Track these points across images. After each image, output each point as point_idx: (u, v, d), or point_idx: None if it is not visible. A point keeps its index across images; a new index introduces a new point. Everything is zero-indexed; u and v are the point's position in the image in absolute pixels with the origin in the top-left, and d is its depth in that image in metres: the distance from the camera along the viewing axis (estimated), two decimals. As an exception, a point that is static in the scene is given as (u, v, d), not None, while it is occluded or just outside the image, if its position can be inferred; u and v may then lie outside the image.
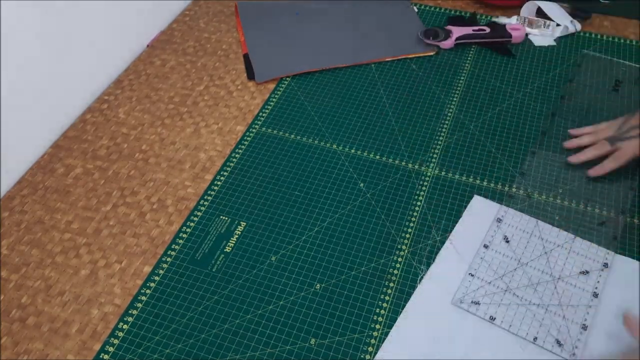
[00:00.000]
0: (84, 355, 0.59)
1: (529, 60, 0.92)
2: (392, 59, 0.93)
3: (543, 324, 0.60)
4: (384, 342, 0.59)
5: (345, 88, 0.89)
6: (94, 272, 0.67)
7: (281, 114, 0.85)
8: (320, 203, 0.72)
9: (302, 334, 0.60)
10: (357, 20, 1.00)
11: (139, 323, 0.62)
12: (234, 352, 0.59)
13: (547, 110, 0.83)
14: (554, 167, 0.75)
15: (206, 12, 1.05)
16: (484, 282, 0.63)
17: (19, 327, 0.62)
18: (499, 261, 0.65)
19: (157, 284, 0.65)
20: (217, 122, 0.84)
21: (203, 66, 0.94)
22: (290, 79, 0.90)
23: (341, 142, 0.80)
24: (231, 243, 0.69)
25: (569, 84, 0.86)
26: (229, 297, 0.64)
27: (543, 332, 0.59)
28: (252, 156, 0.79)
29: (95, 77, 0.90)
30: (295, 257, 0.67)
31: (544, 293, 0.62)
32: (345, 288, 0.64)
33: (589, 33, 0.96)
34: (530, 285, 0.63)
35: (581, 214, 0.70)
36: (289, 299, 0.63)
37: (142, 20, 0.99)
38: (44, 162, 0.79)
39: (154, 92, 0.90)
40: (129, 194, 0.75)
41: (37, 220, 0.72)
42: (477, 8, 1.02)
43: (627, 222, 0.69)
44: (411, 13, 1.01)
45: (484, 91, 0.87)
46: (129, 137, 0.83)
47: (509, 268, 0.64)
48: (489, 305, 0.62)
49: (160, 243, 0.69)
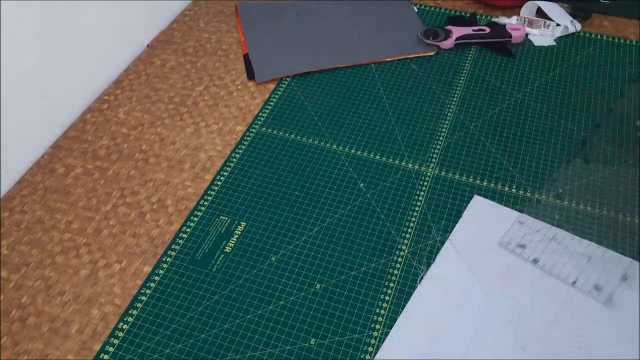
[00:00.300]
0: (84, 355, 0.59)
1: (529, 60, 0.92)
2: (392, 59, 0.93)
3: (584, 270, 0.62)
4: (384, 343, 0.59)
5: (345, 88, 0.89)
6: (94, 272, 0.67)
7: (281, 114, 0.85)
8: (320, 203, 0.72)
9: (302, 334, 0.60)
10: (357, 20, 1.00)
11: (139, 323, 0.62)
12: (234, 352, 0.59)
13: (547, 110, 0.83)
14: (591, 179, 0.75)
15: (206, 12, 1.05)
16: (531, 230, 0.67)
17: (19, 327, 0.62)
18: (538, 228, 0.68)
19: (157, 284, 0.65)
20: (217, 122, 0.84)
21: (203, 66, 0.94)
22: (290, 79, 0.90)
23: (341, 142, 0.80)
24: (231, 243, 0.69)
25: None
26: (229, 297, 0.64)
27: (583, 277, 0.61)
28: (252, 156, 0.79)
29: (95, 77, 0.90)
30: (295, 257, 0.67)
31: (589, 243, 0.65)
32: (345, 288, 0.64)
33: (589, 33, 0.96)
34: (574, 238, 0.66)
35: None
36: (289, 299, 0.63)
37: (142, 20, 0.99)
38: (44, 162, 0.79)
39: (154, 92, 0.90)
40: (129, 194, 0.75)
41: (37, 220, 0.72)
42: (477, 8, 1.02)
43: (628, 222, 0.69)
44: (411, 13, 1.01)
45: (484, 91, 0.87)
46: (129, 137, 0.83)
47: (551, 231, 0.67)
48: (533, 249, 0.65)
49: (160, 243, 0.69)
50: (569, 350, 0.57)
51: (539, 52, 0.93)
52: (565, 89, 0.87)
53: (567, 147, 0.78)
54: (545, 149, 0.78)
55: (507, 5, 1.01)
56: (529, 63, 0.91)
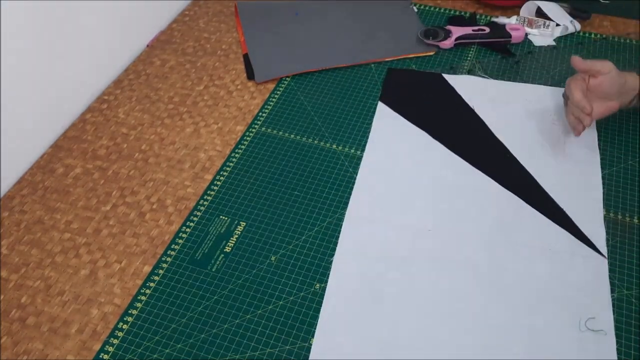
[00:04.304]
0: (83, 355, 0.59)
1: (528, 60, 0.92)
2: (392, 59, 0.93)
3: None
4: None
5: (345, 88, 0.89)
6: (93, 272, 0.67)
7: (281, 114, 0.85)
8: (320, 203, 0.72)
9: (302, 334, 0.60)
10: (357, 20, 1.00)
11: (139, 323, 0.62)
12: (234, 352, 0.59)
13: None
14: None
15: (206, 12, 1.05)
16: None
17: (19, 327, 0.62)
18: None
19: (157, 283, 0.65)
20: (217, 122, 0.84)
21: (203, 66, 0.94)
22: (290, 79, 0.90)
23: (341, 142, 0.80)
24: (231, 243, 0.69)
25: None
26: (228, 297, 0.64)
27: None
28: (251, 156, 0.79)
29: (95, 77, 0.90)
30: (295, 257, 0.67)
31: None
32: (345, 288, 0.64)
33: (588, 33, 0.96)
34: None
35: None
36: (289, 299, 0.63)
37: (142, 20, 0.99)
38: (44, 162, 0.79)
39: (153, 92, 0.90)
40: (129, 193, 0.75)
41: (36, 220, 0.72)
42: (477, 8, 1.02)
43: (627, 222, 0.69)
44: (411, 13, 1.01)
45: (484, 91, 0.87)
46: (128, 137, 0.83)
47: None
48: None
49: (160, 243, 0.69)
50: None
51: (539, 52, 0.93)
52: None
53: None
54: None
55: (507, 5, 1.01)
56: (528, 63, 0.91)
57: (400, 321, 0.60)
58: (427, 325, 0.59)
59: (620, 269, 0.64)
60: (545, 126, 0.79)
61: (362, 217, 0.70)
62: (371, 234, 0.68)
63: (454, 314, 0.60)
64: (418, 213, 0.70)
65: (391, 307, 0.61)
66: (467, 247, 0.66)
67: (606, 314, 0.60)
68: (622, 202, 0.71)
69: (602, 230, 0.67)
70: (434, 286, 0.63)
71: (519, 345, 0.58)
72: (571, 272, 0.63)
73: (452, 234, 0.67)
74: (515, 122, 0.80)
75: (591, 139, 0.77)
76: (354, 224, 0.69)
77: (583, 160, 0.75)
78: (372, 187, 0.73)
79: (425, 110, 0.83)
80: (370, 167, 0.76)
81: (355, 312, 0.61)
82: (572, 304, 0.61)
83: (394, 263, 0.65)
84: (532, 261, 0.64)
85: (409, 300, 0.61)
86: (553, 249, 0.65)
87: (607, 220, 0.69)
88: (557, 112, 0.81)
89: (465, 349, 0.58)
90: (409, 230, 0.68)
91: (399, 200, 0.71)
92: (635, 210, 0.70)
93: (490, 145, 0.78)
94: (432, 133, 0.79)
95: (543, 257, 0.65)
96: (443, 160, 0.76)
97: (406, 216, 0.69)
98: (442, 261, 0.65)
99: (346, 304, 0.62)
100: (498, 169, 0.74)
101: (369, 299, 0.62)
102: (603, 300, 0.61)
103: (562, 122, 0.79)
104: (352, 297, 0.62)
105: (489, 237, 0.67)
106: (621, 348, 0.58)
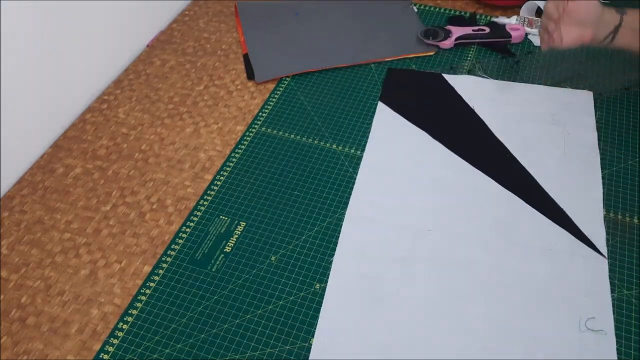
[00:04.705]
0: (83, 355, 0.59)
1: (528, 60, 0.92)
2: (392, 59, 0.93)
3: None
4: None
5: (345, 88, 0.89)
6: (93, 272, 0.67)
7: (281, 114, 0.85)
8: (320, 203, 0.72)
9: (302, 334, 0.60)
10: (356, 20, 1.00)
11: (139, 323, 0.62)
12: (234, 352, 0.59)
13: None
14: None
15: (206, 12, 1.05)
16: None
17: (19, 327, 0.62)
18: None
19: (157, 283, 0.65)
20: (217, 122, 0.84)
21: (203, 66, 0.94)
22: (290, 79, 0.90)
23: (341, 142, 0.80)
24: (231, 243, 0.69)
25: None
26: (228, 297, 0.64)
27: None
28: (251, 156, 0.79)
29: (95, 77, 0.90)
30: (295, 257, 0.67)
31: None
32: (345, 288, 0.64)
33: (588, 33, 0.96)
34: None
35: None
36: (289, 299, 0.63)
37: (142, 20, 0.99)
38: (44, 162, 0.79)
39: (153, 92, 0.90)
40: (129, 193, 0.75)
41: (36, 220, 0.72)
42: (476, 8, 1.02)
43: (627, 222, 0.69)
44: (411, 13, 1.01)
45: (484, 91, 0.87)
46: (128, 137, 0.83)
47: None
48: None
49: (160, 243, 0.69)
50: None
51: (539, 52, 0.93)
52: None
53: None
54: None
55: (507, 5, 1.01)
56: (528, 63, 0.91)
57: (400, 321, 0.60)
58: (427, 325, 0.59)
59: (620, 269, 0.64)
60: (545, 126, 0.79)
61: (362, 217, 0.70)
62: (371, 234, 0.68)
63: (454, 314, 0.60)
64: (418, 213, 0.70)
65: (391, 307, 0.61)
66: (467, 247, 0.66)
67: (606, 314, 0.60)
68: (622, 202, 0.71)
69: (602, 230, 0.67)
70: (434, 286, 0.63)
71: (519, 345, 0.58)
72: (571, 272, 0.63)
73: (452, 234, 0.67)
74: (515, 122, 0.80)
75: (591, 139, 0.77)
76: (354, 224, 0.69)
77: (583, 160, 0.75)
78: (372, 187, 0.73)
79: (425, 110, 0.83)
80: (370, 167, 0.75)
81: (355, 312, 0.61)
82: (572, 304, 0.61)
83: (394, 263, 0.65)
84: (532, 261, 0.64)
85: (408, 300, 0.61)
86: (553, 249, 0.65)
87: (607, 220, 0.69)
88: (557, 112, 0.80)
89: (465, 348, 0.58)
90: (409, 230, 0.68)
91: (399, 200, 0.71)
92: (635, 210, 0.70)
93: (490, 145, 0.78)
94: (432, 133, 0.79)
95: (543, 257, 0.65)
96: (443, 160, 0.76)
97: (406, 216, 0.69)
98: (442, 261, 0.65)
99: (346, 304, 0.62)
100: (498, 169, 0.74)
101: (368, 299, 0.62)
102: (603, 300, 0.61)
103: (562, 122, 0.79)
104: (352, 297, 0.62)
105: (489, 237, 0.67)
106: (621, 348, 0.58)
